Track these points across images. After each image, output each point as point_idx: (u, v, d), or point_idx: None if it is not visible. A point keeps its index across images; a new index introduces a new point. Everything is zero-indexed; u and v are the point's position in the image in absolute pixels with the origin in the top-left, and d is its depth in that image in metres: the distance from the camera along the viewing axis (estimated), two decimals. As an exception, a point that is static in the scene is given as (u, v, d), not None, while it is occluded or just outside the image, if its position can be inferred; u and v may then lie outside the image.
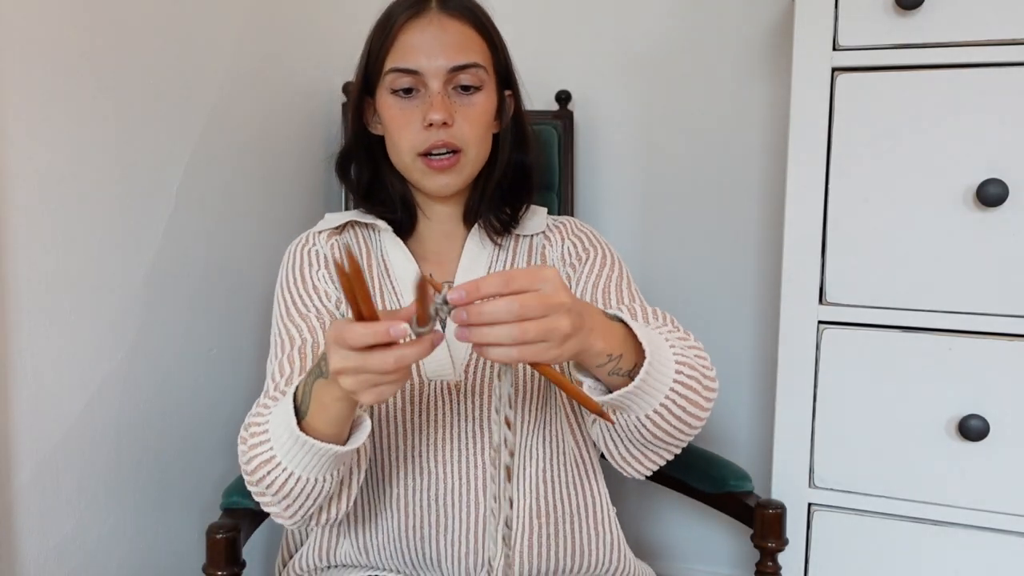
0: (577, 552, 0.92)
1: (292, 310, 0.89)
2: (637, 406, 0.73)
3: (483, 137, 0.90)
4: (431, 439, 0.88)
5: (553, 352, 0.62)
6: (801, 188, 1.10)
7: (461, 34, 0.87)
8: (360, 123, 0.94)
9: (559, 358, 0.63)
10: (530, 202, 0.98)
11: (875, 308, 1.09)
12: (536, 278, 0.61)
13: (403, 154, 0.89)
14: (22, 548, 0.94)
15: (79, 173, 0.99)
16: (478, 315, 0.59)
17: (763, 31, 1.42)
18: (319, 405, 0.70)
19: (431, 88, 0.86)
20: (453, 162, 0.87)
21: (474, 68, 0.87)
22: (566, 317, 0.62)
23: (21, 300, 0.92)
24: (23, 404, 0.93)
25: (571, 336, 0.63)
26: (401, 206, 0.95)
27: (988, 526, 1.06)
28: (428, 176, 0.88)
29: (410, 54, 0.86)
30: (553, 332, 0.61)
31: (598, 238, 0.98)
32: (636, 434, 0.77)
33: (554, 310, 0.61)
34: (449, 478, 0.88)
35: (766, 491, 1.16)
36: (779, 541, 1.04)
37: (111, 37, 1.02)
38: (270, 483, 0.75)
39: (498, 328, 0.60)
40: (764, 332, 1.47)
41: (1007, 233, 1.03)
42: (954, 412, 1.06)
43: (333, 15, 1.48)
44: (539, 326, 0.60)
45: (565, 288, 0.63)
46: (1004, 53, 1.01)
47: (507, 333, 0.59)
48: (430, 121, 0.85)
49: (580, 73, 1.50)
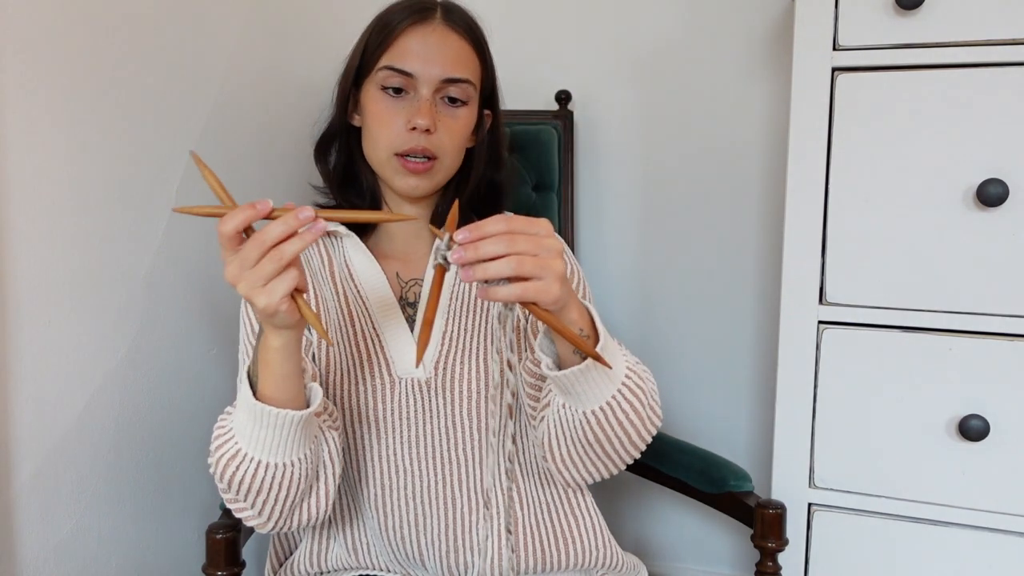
0: (562, 545, 0.93)
1: (250, 332, 0.90)
2: (585, 396, 0.76)
3: (459, 149, 0.93)
4: (403, 437, 0.90)
5: (553, 291, 0.66)
6: (801, 188, 1.10)
7: (460, 48, 0.89)
8: (343, 111, 0.95)
9: (556, 299, 0.66)
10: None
11: (875, 308, 1.09)
12: (533, 224, 0.67)
13: (380, 150, 0.90)
14: (22, 548, 0.94)
15: (79, 173, 0.99)
16: (475, 251, 0.64)
17: (763, 31, 1.42)
18: (263, 366, 0.73)
19: (421, 93, 0.88)
20: (428, 167, 0.89)
21: (465, 83, 0.89)
22: (559, 259, 0.67)
23: (21, 300, 0.92)
24: (23, 404, 0.93)
25: (563, 282, 0.67)
26: (370, 199, 0.96)
27: (988, 526, 1.06)
28: (401, 175, 0.90)
29: (408, 56, 0.88)
30: (548, 269, 0.65)
31: (565, 251, 1.00)
32: (580, 434, 0.80)
33: (547, 250, 0.66)
34: (424, 475, 0.89)
35: (766, 491, 1.16)
36: (779, 541, 1.04)
37: (111, 37, 1.02)
38: (240, 479, 0.76)
39: (497, 263, 0.64)
40: (764, 332, 1.47)
41: (1007, 233, 1.03)
42: (954, 412, 1.06)
43: (333, 15, 1.48)
44: (535, 261, 0.65)
45: (556, 236, 0.69)
46: (1004, 53, 1.01)
47: (505, 265, 0.64)
48: (414, 125, 0.87)
49: (580, 73, 1.50)
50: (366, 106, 0.91)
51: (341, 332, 0.91)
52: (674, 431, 1.33)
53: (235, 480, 0.76)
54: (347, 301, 0.93)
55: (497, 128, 0.99)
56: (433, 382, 0.89)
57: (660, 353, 1.54)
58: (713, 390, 1.52)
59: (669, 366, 1.53)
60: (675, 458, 1.22)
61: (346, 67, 0.95)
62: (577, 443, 0.82)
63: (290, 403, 0.74)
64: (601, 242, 1.54)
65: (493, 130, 0.99)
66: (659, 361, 1.54)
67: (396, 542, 0.90)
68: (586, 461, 0.84)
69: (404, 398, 0.90)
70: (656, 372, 1.52)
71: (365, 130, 0.93)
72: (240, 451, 0.75)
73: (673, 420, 1.52)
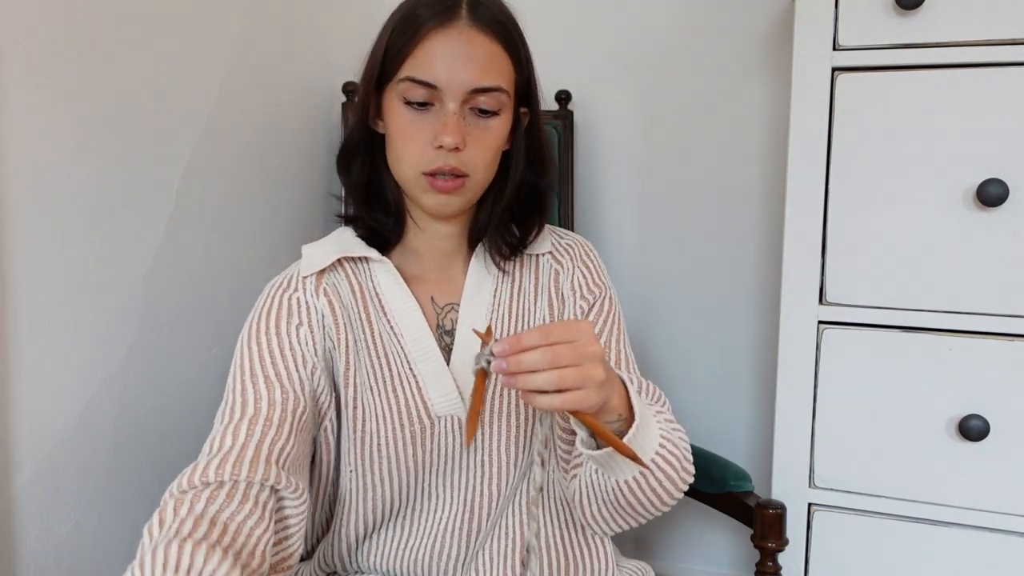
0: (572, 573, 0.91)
1: (257, 368, 0.81)
2: (620, 469, 0.76)
3: (492, 162, 0.85)
4: (441, 471, 0.88)
5: (592, 399, 0.67)
6: (801, 188, 1.10)
7: (488, 52, 0.80)
8: (363, 118, 0.87)
9: (597, 405, 0.68)
10: (542, 226, 0.93)
11: (875, 308, 1.09)
12: (573, 331, 0.67)
13: (406, 168, 0.83)
14: (22, 548, 0.94)
15: (79, 173, 0.99)
16: (516, 364, 0.65)
17: (763, 31, 1.42)
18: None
19: (447, 107, 0.80)
20: (458, 185, 0.82)
21: (496, 92, 0.81)
22: (600, 366, 0.67)
23: (21, 300, 0.92)
24: (23, 404, 0.93)
25: (604, 384, 0.67)
26: (395, 218, 0.90)
27: (988, 526, 1.06)
28: (429, 194, 0.83)
29: (431, 66, 0.79)
30: (589, 379, 0.66)
31: (603, 273, 0.95)
32: (612, 497, 0.79)
33: (588, 359, 0.66)
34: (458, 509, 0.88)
35: (766, 491, 1.16)
36: (779, 541, 1.04)
37: (111, 37, 1.02)
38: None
39: (539, 375, 0.65)
40: (764, 332, 1.47)
41: (1007, 233, 1.03)
42: (954, 412, 1.06)
43: (333, 15, 1.48)
44: (576, 373, 0.65)
45: (597, 340, 0.68)
46: (1004, 53, 1.01)
47: (547, 379, 0.65)
48: (441, 143, 0.79)
49: (580, 73, 1.50)
50: (389, 118, 0.83)
51: (375, 377, 0.86)
52: (674, 431, 1.33)
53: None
54: (381, 341, 0.87)
55: (536, 127, 0.90)
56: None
57: (660, 353, 1.54)
58: (713, 390, 1.52)
59: (669, 366, 1.53)
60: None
61: (366, 70, 0.86)
62: (609, 504, 0.81)
63: None
64: (601, 242, 1.54)
65: (532, 129, 0.89)
66: (659, 361, 1.54)
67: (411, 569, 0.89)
68: (617, 518, 0.83)
69: (443, 437, 0.86)
70: (656, 372, 1.53)
71: (389, 144, 0.85)
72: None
73: (673, 420, 1.53)
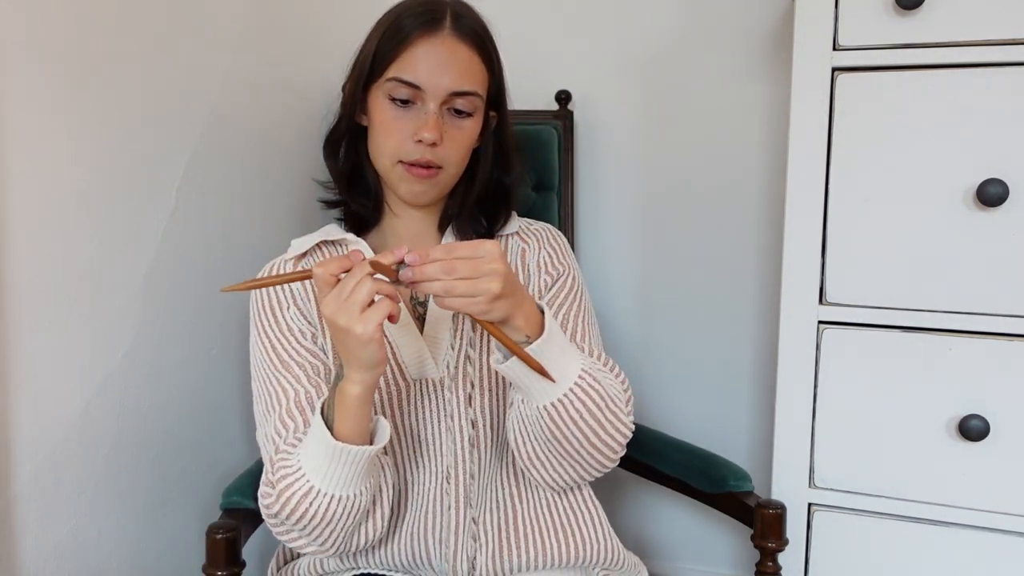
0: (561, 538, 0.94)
1: (275, 359, 0.90)
2: (534, 390, 0.80)
3: (464, 157, 0.95)
4: (419, 437, 0.92)
5: (481, 307, 0.74)
6: (801, 188, 1.10)
7: (468, 60, 0.90)
8: (351, 111, 0.96)
9: (489, 314, 0.75)
10: (507, 219, 1.01)
11: (875, 308, 1.09)
12: (477, 249, 0.75)
13: (385, 157, 0.92)
14: (22, 548, 0.94)
15: (79, 173, 0.99)
16: (421, 273, 0.74)
17: (763, 31, 1.42)
18: (341, 408, 0.77)
19: (428, 106, 0.89)
20: (432, 174, 0.91)
21: (472, 96, 0.90)
22: (497, 281, 0.74)
23: (21, 300, 0.92)
24: (23, 404, 0.93)
25: (500, 298, 0.74)
26: (374, 201, 0.99)
27: (988, 526, 1.06)
28: (405, 181, 0.92)
29: (416, 69, 0.88)
30: (481, 291, 0.73)
31: (568, 254, 1.02)
32: (536, 427, 0.83)
33: (485, 273, 0.74)
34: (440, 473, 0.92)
35: (766, 491, 1.16)
36: (779, 541, 1.04)
37: (111, 37, 1.02)
38: (312, 515, 0.79)
39: (435, 283, 0.74)
40: (764, 332, 1.47)
41: (1007, 233, 1.02)
42: (954, 412, 1.06)
43: (332, 16, 1.48)
44: (468, 284, 0.74)
45: (502, 258, 0.75)
46: (1004, 53, 1.01)
47: (440, 287, 0.74)
48: (420, 138, 0.88)
49: (580, 73, 1.50)
50: (373, 112, 0.92)
51: None
52: (674, 431, 1.33)
53: (306, 516, 0.79)
54: None
55: (504, 129, 0.99)
56: (445, 380, 0.92)
57: (660, 352, 1.54)
58: (713, 390, 1.52)
59: (669, 366, 1.53)
60: (675, 458, 1.22)
61: (354, 69, 0.95)
62: (538, 440, 0.85)
63: (362, 437, 0.78)
64: (601, 242, 1.54)
65: (500, 131, 0.99)
66: (659, 361, 1.54)
67: (406, 541, 0.92)
68: (552, 460, 0.86)
69: (418, 399, 0.92)
70: (656, 372, 1.53)
71: (371, 135, 0.94)
72: (313, 488, 0.78)
73: (673, 420, 1.52)
